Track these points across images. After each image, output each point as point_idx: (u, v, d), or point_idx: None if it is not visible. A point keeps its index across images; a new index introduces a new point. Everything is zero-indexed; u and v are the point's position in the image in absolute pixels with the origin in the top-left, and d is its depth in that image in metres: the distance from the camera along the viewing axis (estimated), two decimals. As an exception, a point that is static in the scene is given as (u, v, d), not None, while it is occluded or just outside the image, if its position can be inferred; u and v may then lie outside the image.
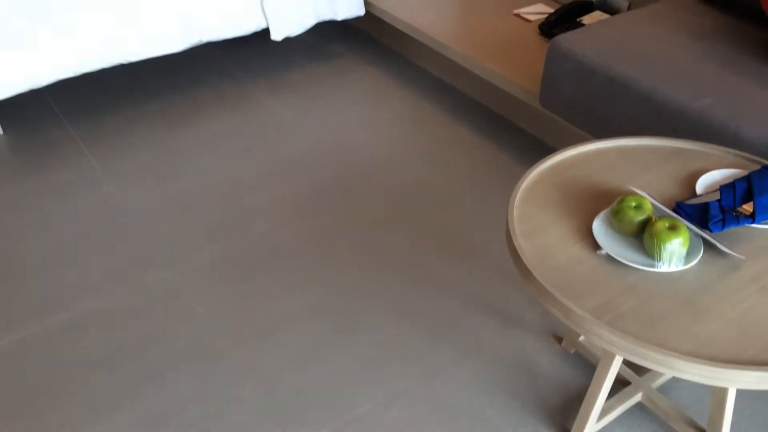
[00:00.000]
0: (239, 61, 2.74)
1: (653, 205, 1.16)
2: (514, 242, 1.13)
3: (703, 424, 1.39)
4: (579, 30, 1.83)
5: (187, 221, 1.94)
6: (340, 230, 1.91)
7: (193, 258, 1.81)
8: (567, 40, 1.79)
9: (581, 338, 1.49)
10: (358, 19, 2.96)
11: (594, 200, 1.23)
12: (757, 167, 1.27)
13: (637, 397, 1.37)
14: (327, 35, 2.94)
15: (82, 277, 1.75)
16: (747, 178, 1.19)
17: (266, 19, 2.36)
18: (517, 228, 1.17)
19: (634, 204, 1.11)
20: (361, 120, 2.38)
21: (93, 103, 2.46)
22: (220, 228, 1.91)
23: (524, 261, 1.09)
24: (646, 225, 1.09)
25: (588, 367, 1.52)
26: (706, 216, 1.13)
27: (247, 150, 2.23)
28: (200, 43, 2.28)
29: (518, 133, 2.31)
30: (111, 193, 2.04)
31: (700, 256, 1.08)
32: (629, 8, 2.30)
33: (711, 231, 1.11)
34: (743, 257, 1.09)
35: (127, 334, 1.60)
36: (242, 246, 1.85)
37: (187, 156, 2.20)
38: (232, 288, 1.72)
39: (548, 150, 2.23)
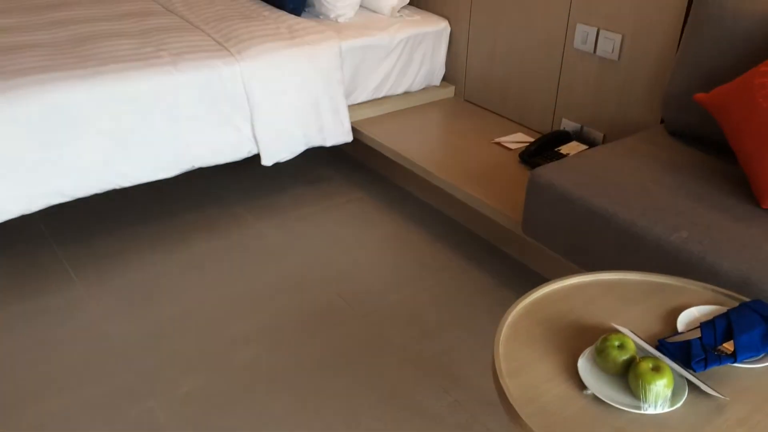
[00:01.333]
0: (228, 183, 2.81)
1: (636, 344, 1.17)
2: (501, 381, 1.13)
3: None
4: (558, 162, 1.91)
5: (171, 348, 1.92)
6: (324, 358, 1.89)
7: (175, 388, 1.78)
8: (547, 172, 1.86)
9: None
10: (346, 144, 3.07)
11: (578, 336, 1.24)
12: (735, 304, 1.30)
13: None
14: (316, 159, 3.03)
15: (60, 409, 1.71)
16: (726, 316, 1.21)
17: (257, 146, 2.44)
18: (503, 366, 1.17)
19: (617, 343, 1.12)
20: (348, 243, 2.42)
21: (83, 225, 2.49)
22: (204, 356, 1.89)
23: (511, 402, 1.09)
24: (630, 364, 1.10)
25: (579, 505, 1.48)
26: (689, 355, 1.14)
27: (234, 273, 2.25)
28: (192, 168, 2.35)
29: (503, 258, 2.35)
30: (94, 320, 2.02)
31: (685, 397, 1.08)
32: (604, 140, 2.41)
33: (694, 370, 1.13)
34: (728, 398, 1.09)
35: (104, 471, 1.55)
36: (225, 375, 1.83)
37: (174, 279, 2.21)
38: (212, 420, 1.69)
39: (532, 275, 2.27)
